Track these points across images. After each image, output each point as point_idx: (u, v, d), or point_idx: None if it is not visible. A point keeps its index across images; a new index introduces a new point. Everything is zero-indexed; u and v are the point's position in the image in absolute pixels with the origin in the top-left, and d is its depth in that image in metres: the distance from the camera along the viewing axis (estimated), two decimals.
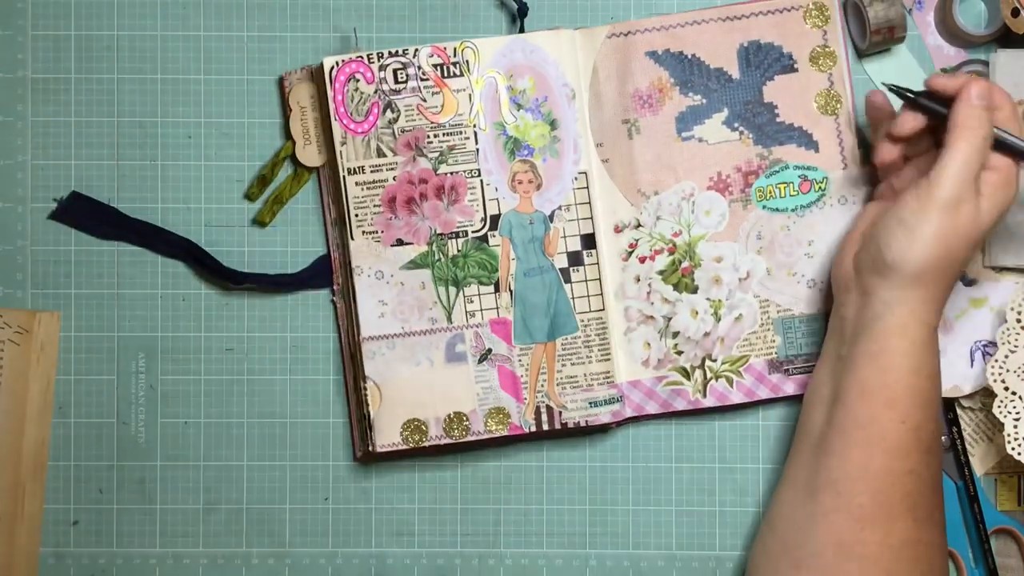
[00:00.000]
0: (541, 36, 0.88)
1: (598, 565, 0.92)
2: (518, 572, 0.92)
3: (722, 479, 0.91)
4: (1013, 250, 0.88)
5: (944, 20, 0.90)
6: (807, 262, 0.89)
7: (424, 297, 0.88)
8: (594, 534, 0.92)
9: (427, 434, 0.88)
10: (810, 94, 0.89)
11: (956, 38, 0.90)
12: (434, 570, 0.91)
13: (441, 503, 0.92)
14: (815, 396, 0.84)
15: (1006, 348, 0.86)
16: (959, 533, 0.90)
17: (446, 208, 0.88)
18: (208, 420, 0.91)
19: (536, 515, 0.92)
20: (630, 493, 0.91)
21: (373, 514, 0.92)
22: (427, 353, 0.88)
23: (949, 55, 0.90)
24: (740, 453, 0.91)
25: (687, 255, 0.89)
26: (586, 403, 0.88)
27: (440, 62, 0.88)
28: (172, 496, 0.91)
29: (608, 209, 0.89)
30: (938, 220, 0.77)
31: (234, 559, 0.92)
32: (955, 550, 0.89)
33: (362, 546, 0.91)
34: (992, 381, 0.86)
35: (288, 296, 0.91)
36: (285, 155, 0.90)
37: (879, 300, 0.79)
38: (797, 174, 0.89)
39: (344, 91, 0.87)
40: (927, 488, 0.80)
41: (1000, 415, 0.86)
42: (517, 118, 0.88)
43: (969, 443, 0.90)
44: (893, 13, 0.86)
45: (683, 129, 0.89)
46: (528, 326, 0.88)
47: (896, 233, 0.78)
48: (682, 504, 0.91)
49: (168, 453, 0.91)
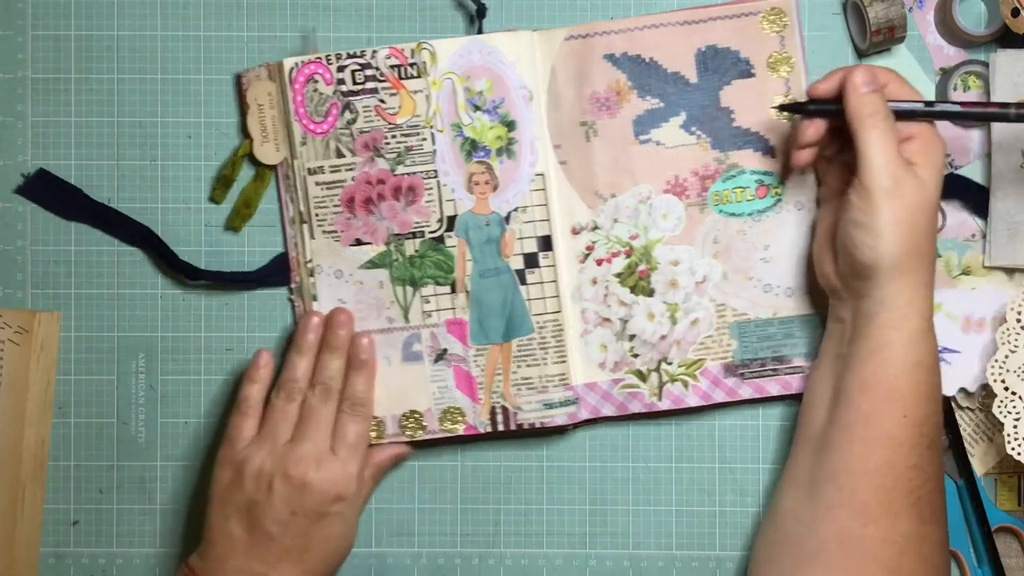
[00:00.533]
0: (499, 37, 0.88)
1: (598, 565, 0.92)
2: (518, 572, 0.92)
3: (722, 479, 0.91)
4: (1012, 250, 0.88)
5: (944, 20, 0.89)
6: (763, 266, 0.89)
7: (382, 296, 0.88)
8: (594, 534, 0.92)
9: (383, 432, 0.88)
10: (767, 99, 0.89)
11: (956, 38, 0.90)
12: (434, 570, 0.92)
13: (441, 503, 0.92)
14: (815, 395, 0.84)
15: (1006, 348, 0.86)
16: (960, 532, 0.90)
17: (403, 209, 0.88)
18: (208, 420, 0.92)
19: (536, 515, 0.92)
20: (630, 493, 0.92)
21: (373, 514, 0.92)
22: (384, 352, 0.88)
23: (949, 55, 0.90)
24: (740, 453, 0.91)
25: (644, 258, 0.89)
26: (541, 404, 0.88)
27: (398, 63, 0.88)
28: (172, 496, 0.92)
29: (565, 211, 0.89)
30: (889, 209, 0.77)
31: None
32: (957, 550, 0.90)
33: (362, 546, 0.92)
34: (992, 381, 0.86)
35: (288, 296, 0.92)
36: (243, 153, 0.91)
37: (873, 299, 0.79)
38: (754, 179, 0.89)
39: (304, 92, 0.88)
40: (931, 484, 0.79)
41: (1000, 415, 0.86)
42: (474, 119, 0.88)
43: (969, 443, 0.90)
44: (893, 13, 0.86)
45: (640, 132, 0.89)
46: (484, 327, 0.89)
47: (857, 237, 0.78)
48: (682, 504, 0.91)
49: (168, 453, 0.92)
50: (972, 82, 0.89)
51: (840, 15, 0.90)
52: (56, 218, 0.91)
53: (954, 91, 0.89)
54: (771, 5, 0.88)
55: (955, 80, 0.89)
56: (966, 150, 0.90)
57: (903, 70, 0.89)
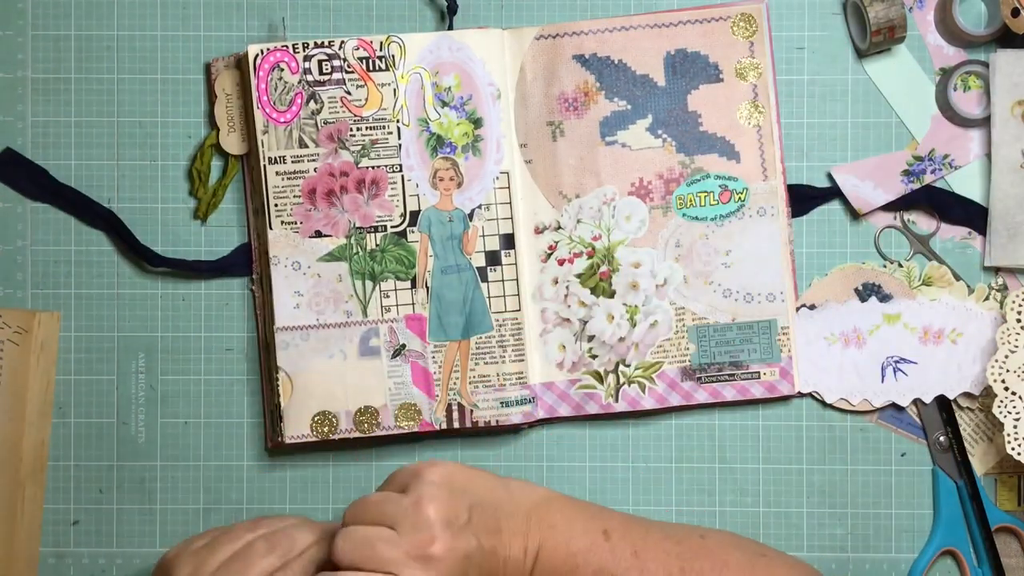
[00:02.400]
0: (469, 34, 0.88)
1: None
2: None
3: (722, 479, 0.91)
4: (1012, 250, 0.88)
5: (944, 20, 0.89)
6: (724, 271, 0.89)
7: (340, 290, 0.88)
8: None
9: (337, 427, 0.88)
10: (734, 105, 0.89)
11: (956, 38, 0.89)
12: None
13: None
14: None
15: (1006, 348, 0.86)
16: (960, 532, 0.90)
17: (366, 202, 0.88)
18: (208, 420, 0.92)
19: None
20: (630, 493, 0.91)
21: None
22: (340, 346, 0.88)
23: (949, 55, 0.90)
24: (740, 453, 0.91)
25: (606, 259, 0.89)
26: (497, 403, 0.88)
27: (366, 55, 0.88)
28: (172, 496, 0.92)
29: (529, 210, 0.89)
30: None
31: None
32: (957, 549, 0.89)
33: None
34: (992, 381, 0.86)
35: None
36: (210, 143, 0.90)
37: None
38: (718, 184, 0.89)
39: (268, 80, 0.87)
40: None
41: (1000, 415, 0.85)
42: (441, 115, 0.88)
43: (969, 443, 0.89)
44: (894, 13, 0.86)
45: (607, 134, 0.89)
46: (443, 323, 0.88)
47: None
48: (682, 504, 0.91)
49: (168, 453, 0.92)
50: (972, 82, 0.89)
51: (840, 15, 0.90)
52: (56, 218, 0.92)
53: (954, 91, 0.89)
54: (741, 11, 0.88)
55: (955, 80, 0.89)
56: (966, 150, 0.90)
57: (903, 70, 0.90)
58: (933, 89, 0.90)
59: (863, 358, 0.89)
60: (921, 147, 0.90)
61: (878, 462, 0.90)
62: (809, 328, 0.89)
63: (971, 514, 0.89)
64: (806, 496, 0.91)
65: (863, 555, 0.91)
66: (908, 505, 0.90)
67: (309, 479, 0.92)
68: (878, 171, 0.90)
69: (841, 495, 0.91)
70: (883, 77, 0.90)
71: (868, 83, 0.91)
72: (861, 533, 0.91)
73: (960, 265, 0.90)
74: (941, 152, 0.90)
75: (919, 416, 0.90)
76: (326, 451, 0.91)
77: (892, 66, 0.90)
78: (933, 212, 0.90)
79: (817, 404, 0.90)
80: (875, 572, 0.91)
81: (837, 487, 0.91)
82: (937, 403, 0.89)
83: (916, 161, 0.90)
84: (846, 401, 0.89)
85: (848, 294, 0.90)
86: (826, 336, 0.89)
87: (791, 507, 0.91)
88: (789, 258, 0.89)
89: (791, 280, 0.89)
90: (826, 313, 0.89)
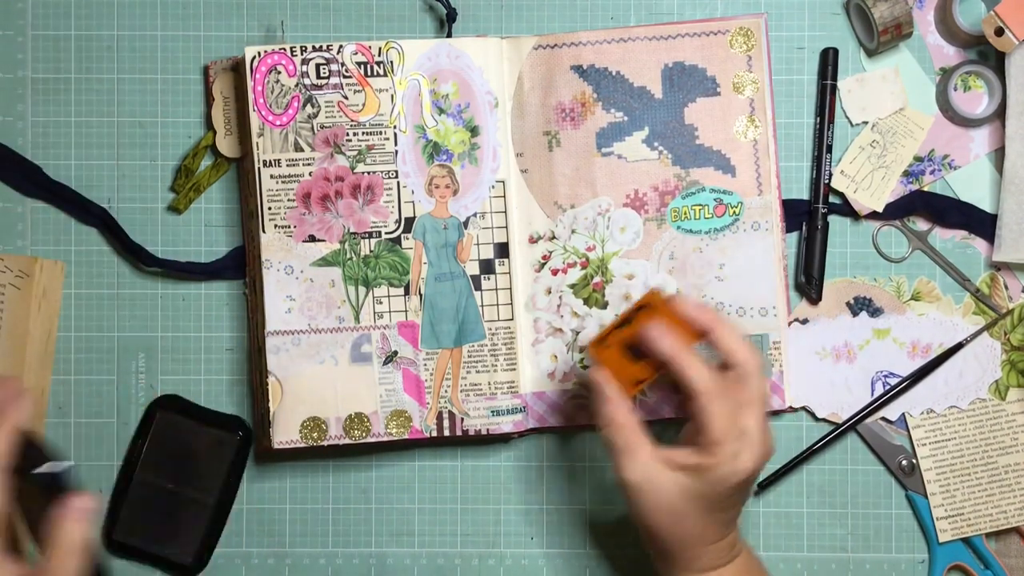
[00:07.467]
0: (468, 42, 0.88)
1: (598, 565, 0.91)
2: (518, 572, 0.91)
3: None
4: (1022, 246, 0.88)
5: (944, 20, 0.89)
6: (717, 285, 0.89)
7: (333, 295, 0.87)
8: (595, 534, 0.91)
9: (326, 433, 0.87)
10: (731, 118, 0.89)
11: (956, 38, 0.89)
12: (434, 570, 0.91)
13: (441, 503, 0.92)
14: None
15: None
16: (957, 546, 0.90)
17: (361, 207, 0.87)
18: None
19: (536, 515, 0.92)
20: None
21: (373, 514, 0.92)
22: (332, 352, 0.87)
23: (949, 55, 0.90)
24: None
25: (599, 270, 0.89)
26: (488, 411, 0.88)
27: (364, 60, 0.87)
28: None
29: (524, 219, 0.89)
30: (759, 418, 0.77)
31: (234, 559, 0.91)
32: (962, 563, 0.90)
33: (362, 546, 0.91)
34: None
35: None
36: (206, 145, 0.90)
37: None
38: (713, 197, 0.89)
39: (264, 82, 0.87)
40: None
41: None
42: (438, 122, 0.88)
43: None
44: (899, 11, 0.86)
45: (603, 145, 0.89)
46: (436, 331, 0.88)
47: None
48: None
49: None
50: (972, 82, 0.90)
51: (840, 15, 0.90)
52: (56, 218, 0.91)
53: (954, 91, 0.89)
54: (740, 25, 0.89)
55: (955, 80, 0.89)
56: (966, 150, 0.90)
57: (904, 70, 0.90)
58: (933, 89, 0.90)
59: (853, 372, 0.89)
60: (921, 147, 0.90)
61: (878, 462, 0.91)
62: (801, 342, 0.90)
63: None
64: (806, 496, 0.91)
65: (863, 555, 0.91)
66: (908, 505, 0.91)
67: (309, 480, 0.92)
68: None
69: (841, 495, 0.91)
70: (884, 77, 0.90)
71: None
72: (861, 533, 0.91)
73: (961, 264, 0.90)
74: (941, 152, 0.90)
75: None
76: (325, 453, 0.91)
77: (892, 66, 0.90)
78: (931, 218, 0.90)
79: (808, 416, 0.90)
80: (875, 572, 0.91)
81: (837, 487, 0.91)
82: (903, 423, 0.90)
83: (915, 161, 0.90)
84: (837, 415, 0.90)
85: (840, 308, 0.90)
86: (817, 351, 0.90)
87: (791, 507, 0.91)
88: (782, 273, 0.89)
89: (784, 295, 0.89)
90: (818, 328, 0.90)
